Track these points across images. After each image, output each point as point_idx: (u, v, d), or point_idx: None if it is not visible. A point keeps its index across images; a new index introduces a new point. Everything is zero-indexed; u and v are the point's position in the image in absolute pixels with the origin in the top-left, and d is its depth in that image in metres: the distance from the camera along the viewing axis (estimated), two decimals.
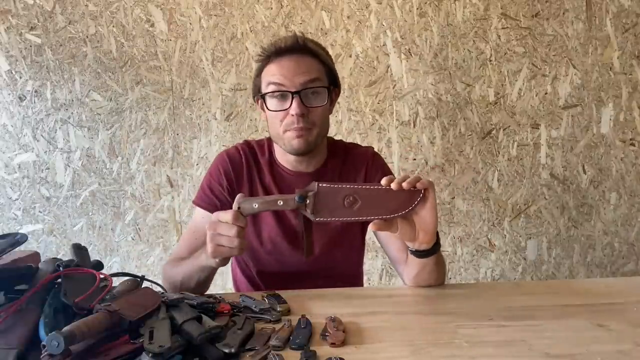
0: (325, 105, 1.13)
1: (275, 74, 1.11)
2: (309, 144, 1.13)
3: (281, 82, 1.10)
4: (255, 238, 1.22)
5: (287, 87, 1.09)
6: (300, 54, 1.12)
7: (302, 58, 1.12)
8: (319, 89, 1.12)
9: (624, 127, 1.92)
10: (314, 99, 1.11)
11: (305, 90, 1.10)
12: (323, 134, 1.18)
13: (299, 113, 1.08)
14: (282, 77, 1.10)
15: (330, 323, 0.86)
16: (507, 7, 1.86)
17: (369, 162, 1.25)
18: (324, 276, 1.20)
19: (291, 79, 1.09)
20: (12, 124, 1.85)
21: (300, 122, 1.09)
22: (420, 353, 0.77)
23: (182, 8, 1.83)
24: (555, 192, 1.94)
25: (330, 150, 1.26)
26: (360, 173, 1.24)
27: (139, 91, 1.85)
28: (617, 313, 0.92)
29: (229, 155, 1.23)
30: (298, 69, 1.10)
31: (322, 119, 1.14)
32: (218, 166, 1.22)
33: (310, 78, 1.10)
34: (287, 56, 1.12)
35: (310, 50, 1.13)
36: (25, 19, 1.81)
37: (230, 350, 0.74)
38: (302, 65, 1.11)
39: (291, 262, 1.20)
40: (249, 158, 1.22)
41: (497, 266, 1.97)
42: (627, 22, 1.88)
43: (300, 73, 1.10)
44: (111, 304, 0.75)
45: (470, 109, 1.89)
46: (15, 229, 1.87)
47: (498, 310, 0.95)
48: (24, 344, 0.72)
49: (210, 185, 1.21)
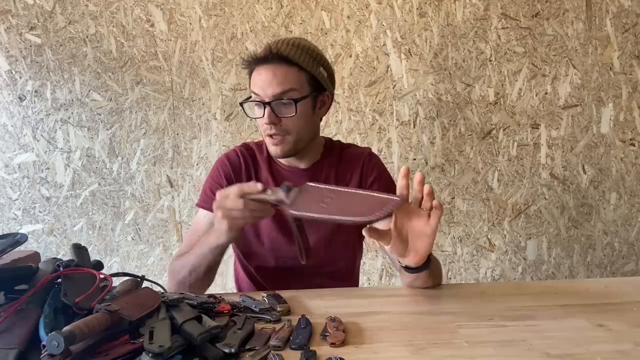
0: (294, 116, 1.14)
1: (255, 83, 1.16)
2: (284, 151, 1.18)
3: (257, 92, 1.15)
4: (254, 234, 1.24)
5: (261, 97, 1.14)
6: (276, 63, 1.13)
7: (277, 67, 1.13)
8: (289, 101, 1.13)
9: (624, 127, 1.92)
10: (285, 109, 1.14)
11: (276, 102, 1.13)
12: (304, 139, 1.20)
13: (268, 122, 1.13)
14: (258, 87, 1.14)
15: (330, 323, 0.86)
16: (507, 7, 1.86)
17: (364, 161, 1.27)
18: (321, 273, 1.23)
19: (264, 89, 1.13)
20: (12, 124, 1.85)
21: (273, 129, 1.14)
22: (420, 353, 0.77)
23: (182, 8, 1.83)
24: (555, 192, 1.94)
25: (327, 148, 1.29)
26: (356, 172, 1.26)
27: (139, 91, 1.85)
28: (617, 313, 0.92)
29: (228, 158, 1.28)
30: (271, 80, 1.12)
31: (299, 126, 1.16)
32: (218, 169, 1.27)
33: (282, 90, 1.12)
34: (264, 66, 1.14)
35: (286, 58, 1.14)
36: (25, 19, 1.81)
37: (230, 350, 0.74)
38: (278, 75, 1.13)
39: (289, 258, 1.21)
40: (247, 159, 1.27)
41: (497, 266, 1.97)
42: (627, 22, 1.88)
43: (273, 84, 1.12)
44: (111, 304, 0.75)
45: (470, 109, 1.89)
46: (15, 229, 1.87)
47: (498, 310, 0.95)
48: (24, 344, 0.72)
49: (212, 187, 1.25)
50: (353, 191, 0.96)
